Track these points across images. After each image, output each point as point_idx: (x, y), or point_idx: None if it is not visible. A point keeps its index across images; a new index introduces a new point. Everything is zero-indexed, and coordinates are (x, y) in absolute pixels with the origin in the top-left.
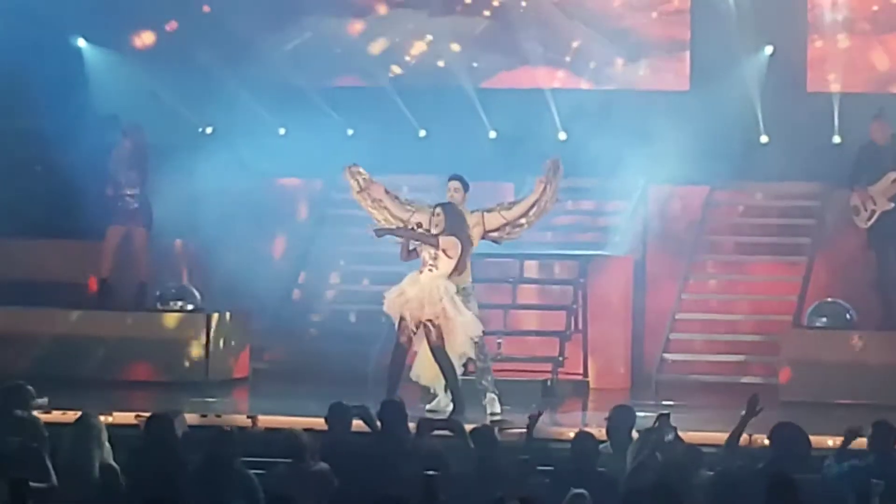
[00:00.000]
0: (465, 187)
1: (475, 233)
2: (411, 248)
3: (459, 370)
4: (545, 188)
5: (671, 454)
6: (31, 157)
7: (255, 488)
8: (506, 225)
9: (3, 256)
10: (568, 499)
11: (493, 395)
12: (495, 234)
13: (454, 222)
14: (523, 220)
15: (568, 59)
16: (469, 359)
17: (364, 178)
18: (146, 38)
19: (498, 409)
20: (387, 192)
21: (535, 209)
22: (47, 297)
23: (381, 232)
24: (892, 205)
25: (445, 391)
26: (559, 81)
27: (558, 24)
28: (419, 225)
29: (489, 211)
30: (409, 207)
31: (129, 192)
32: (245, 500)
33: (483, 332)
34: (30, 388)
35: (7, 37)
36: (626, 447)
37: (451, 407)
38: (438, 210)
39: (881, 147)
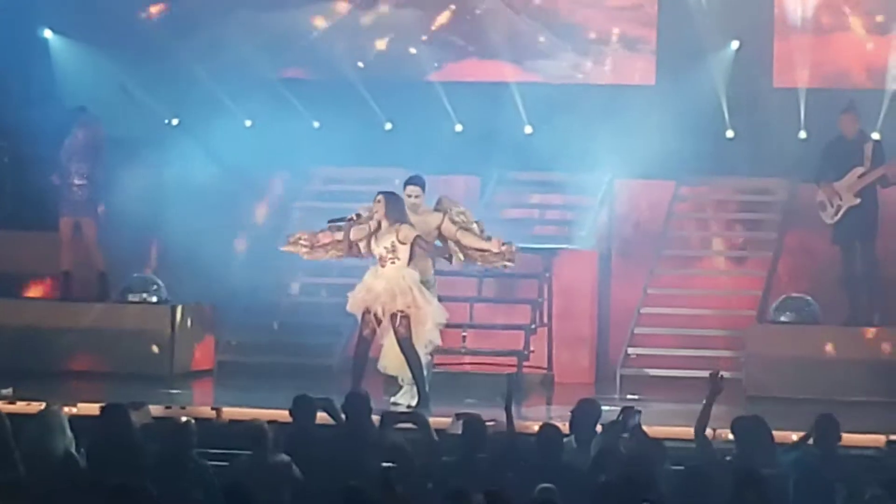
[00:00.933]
0: (423, 188)
1: (434, 234)
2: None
3: (426, 359)
4: (493, 257)
5: (635, 448)
6: None
7: (212, 479)
8: (449, 241)
9: None
10: (536, 493)
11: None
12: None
13: (395, 210)
14: (464, 254)
15: (534, 52)
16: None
17: (305, 238)
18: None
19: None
20: (334, 227)
21: (471, 257)
22: (13, 289)
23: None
24: (859, 200)
25: (411, 384)
26: (525, 75)
27: (524, 18)
28: (358, 216)
29: (452, 222)
30: (365, 219)
31: (76, 183)
32: (202, 491)
33: (447, 322)
34: None
35: None
36: (590, 441)
37: (415, 400)
38: (379, 197)
39: (849, 142)
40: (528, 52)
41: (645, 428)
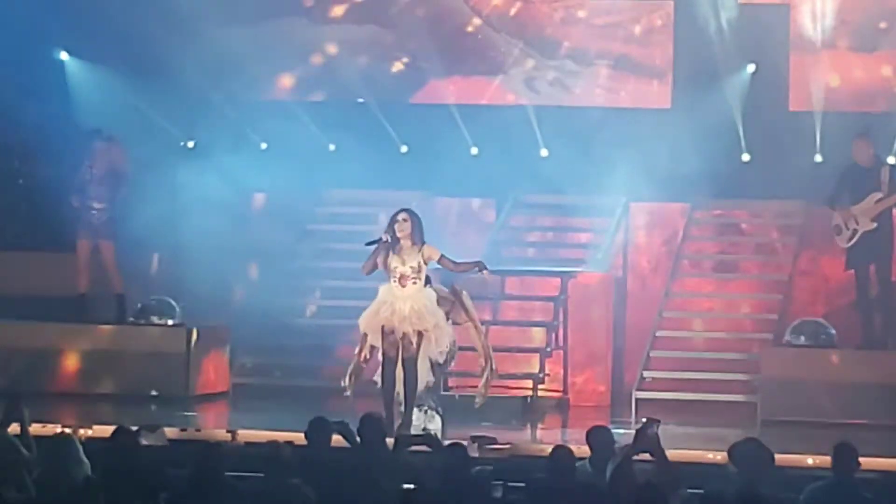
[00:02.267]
0: (413, 220)
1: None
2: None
3: (430, 378)
4: (456, 266)
5: (650, 472)
6: (13, 171)
7: (243, 500)
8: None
9: None
10: None
11: (433, 412)
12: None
13: (419, 229)
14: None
15: (551, 76)
16: (438, 365)
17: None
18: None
19: (436, 427)
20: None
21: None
22: (28, 311)
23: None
24: (875, 225)
25: (420, 409)
26: (541, 99)
27: (541, 40)
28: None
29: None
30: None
31: (96, 206)
32: None
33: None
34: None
35: None
36: (605, 465)
37: (432, 423)
38: (405, 216)
39: (866, 168)
40: (545, 76)
41: None
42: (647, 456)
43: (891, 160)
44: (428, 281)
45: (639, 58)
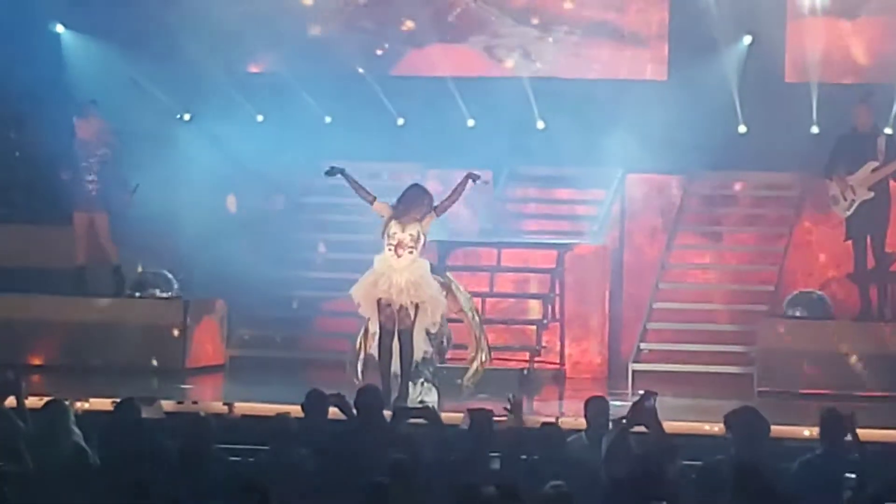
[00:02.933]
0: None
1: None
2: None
3: (427, 349)
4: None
5: (646, 444)
6: (10, 143)
7: (232, 474)
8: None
9: None
10: (548, 489)
11: (430, 385)
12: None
13: (430, 202)
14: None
15: (546, 48)
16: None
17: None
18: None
19: (432, 399)
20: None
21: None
22: (26, 283)
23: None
24: (872, 194)
25: (417, 381)
26: (537, 70)
27: (534, 11)
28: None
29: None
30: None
31: (88, 178)
32: (221, 485)
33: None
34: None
35: None
36: (601, 437)
37: (430, 395)
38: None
39: (861, 135)
40: (540, 47)
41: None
42: (642, 428)
43: (888, 130)
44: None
45: (635, 29)
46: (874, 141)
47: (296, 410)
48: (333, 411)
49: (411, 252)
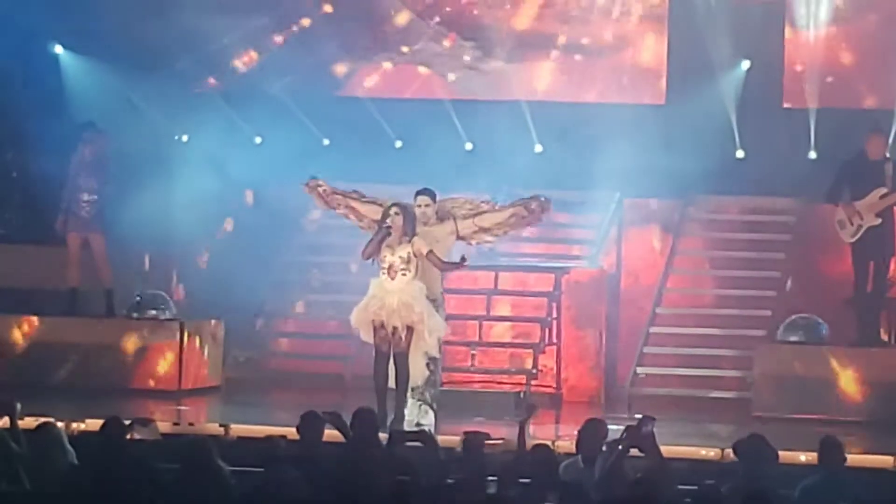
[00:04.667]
0: (434, 199)
1: (449, 241)
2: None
3: (426, 375)
4: (525, 220)
5: (640, 468)
6: (7, 163)
7: (228, 496)
8: (477, 231)
9: None
10: None
11: (427, 407)
12: (466, 239)
13: (410, 223)
14: (495, 232)
15: (547, 70)
16: (433, 359)
17: (324, 189)
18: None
19: (429, 422)
20: (347, 195)
21: (503, 230)
22: (21, 303)
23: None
24: (880, 220)
25: (415, 402)
26: (536, 94)
27: (533, 35)
28: (374, 222)
29: (463, 218)
30: (375, 205)
31: (85, 199)
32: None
33: (445, 342)
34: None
35: None
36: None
37: (425, 417)
38: (397, 210)
39: (870, 161)
40: (539, 71)
41: None
42: (636, 451)
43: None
44: None
45: (634, 53)
46: (882, 167)
47: (292, 433)
48: (329, 434)
49: (405, 274)
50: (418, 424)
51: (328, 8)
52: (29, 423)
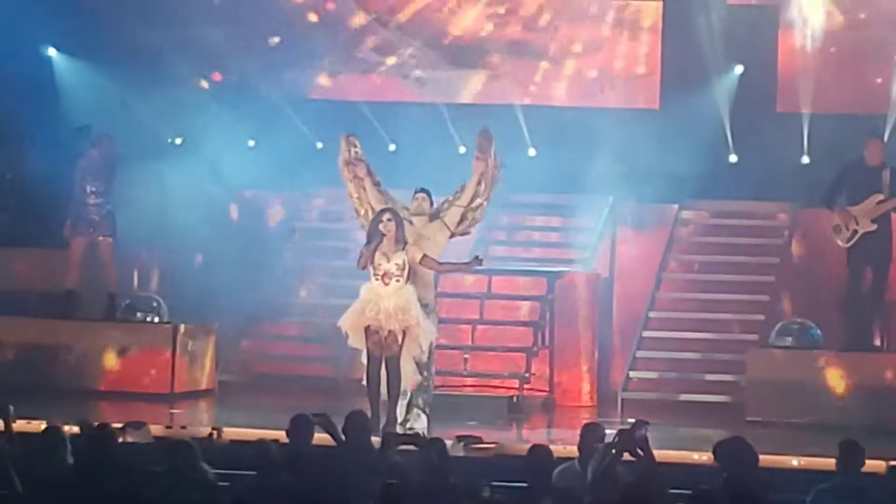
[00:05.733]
0: (431, 198)
1: (441, 239)
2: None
3: (418, 379)
4: (486, 162)
5: (632, 472)
6: (0, 166)
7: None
8: (465, 213)
9: None
10: None
11: (419, 411)
12: (461, 228)
13: (402, 231)
14: (479, 200)
15: (539, 75)
16: (423, 364)
17: (356, 151)
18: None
19: (421, 426)
20: (370, 173)
21: (483, 185)
22: (15, 306)
23: None
24: (875, 226)
25: (408, 407)
26: (529, 98)
27: (528, 39)
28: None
29: (446, 210)
30: (383, 198)
31: (92, 203)
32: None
33: (437, 346)
34: None
35: None
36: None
37: (419, 421)
38: (389, 215)
39: (868, 167)
40: (532, 75)
41: None
42: (627, 455)
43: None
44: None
45: (628, 58)
46: (879, 174)
47: (282, 436)
48: (320, 437)
49: (398, 280)
50: (411, 428)
51: (313, 17)
52: (35, 426)
